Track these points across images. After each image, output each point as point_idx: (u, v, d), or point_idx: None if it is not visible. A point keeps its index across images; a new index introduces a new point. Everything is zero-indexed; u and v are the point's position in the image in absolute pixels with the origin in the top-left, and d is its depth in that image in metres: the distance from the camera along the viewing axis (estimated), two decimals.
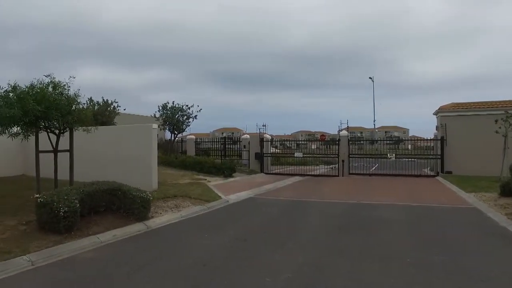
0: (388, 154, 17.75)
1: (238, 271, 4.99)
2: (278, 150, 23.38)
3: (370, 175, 17.39)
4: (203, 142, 21.60)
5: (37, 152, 7.08)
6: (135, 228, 7.05)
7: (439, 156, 16.29)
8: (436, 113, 17.76)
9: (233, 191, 11.66)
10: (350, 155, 17.57)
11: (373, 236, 6.75)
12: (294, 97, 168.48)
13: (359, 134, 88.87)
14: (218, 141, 21.73)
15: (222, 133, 77.54)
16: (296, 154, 19.98)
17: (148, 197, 7.49)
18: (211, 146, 21.33)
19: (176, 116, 18.05)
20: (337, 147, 17.63)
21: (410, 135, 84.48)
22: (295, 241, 6.42)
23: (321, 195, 11.66)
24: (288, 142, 41.21)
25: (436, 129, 17.48)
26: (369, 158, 19.87)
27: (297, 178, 16.34)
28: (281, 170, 18.31)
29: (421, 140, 20.52)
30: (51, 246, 5.74)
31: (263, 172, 17.86)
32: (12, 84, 6.64)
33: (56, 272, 4.98)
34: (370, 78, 48.64)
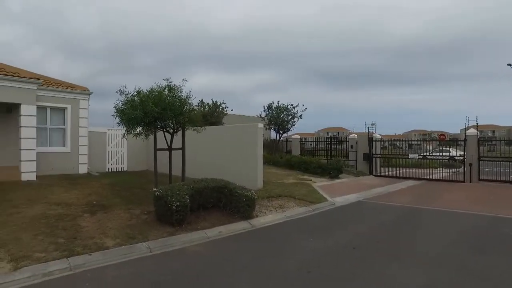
0: None
1: (345, 283, 4.49)
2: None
3: (511, 182, 14.33)
4: (308, 141, 21.23)
5: (155, 149, 7.80)
6: (240, 226, 7.14)
7: None
8: None
9: (339, 193, 10.99)
10: (480, 158, 14.84)
11: None
12: (406, 93, 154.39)
13: (489, 134, 76.19)
14: (324, 141, 21.04)
15: (327, 133, 75.72)
16: (410, 156, 17.93)
17: (253, 196, 7.51)
18: (316, 146, 20.82)
19: (281, 116, 18.15)
20: (460, 148, 15.06)
21: None
22: (413, 255, 5.53)
23: (443, 203, 10.04)
24: (399, 142, 37.49)
25: None
26: (507, 162, 16.42)
27: (411, 182, 14.60)
28: (392, 172, 16.67)
29: None
30: (165, 237, 6.20)
31: (372, 174, 16.56)
32: (137, 89, 7.46)
33: (169, 261, 5.30)
34: (509, 65, 40.78)
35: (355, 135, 18.93)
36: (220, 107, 17.13)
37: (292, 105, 18.43)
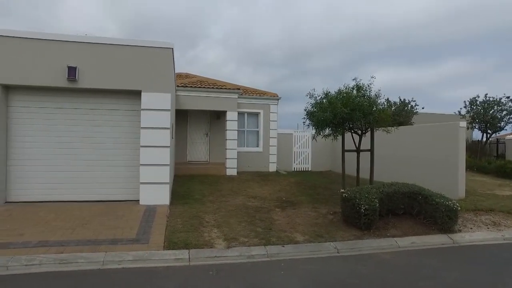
0: None
1: None
2: None
3: None
4: None
5: (343, 151, 7.72)
6: (437, 239, 6.17)
7: None
8: None
9: None
10: None
11: None
12: None
13: None
14: None
15: None
16: None
17: (456, 206, 6.36)
18: None
19: (491, 112, 14.78)
20: None
21: None
22: None
23: None
24: None
25: None
26: None
27: None
28: None
29: None
30: (352, 239, 6.02)
31: None
32: (325, 92, 7.59)
33: (357, 265, 5.08)
34: None
35: None
36: (409, 105, 15.54)
37: (508, 97, 14.69)
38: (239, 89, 13.50)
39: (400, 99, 15.96)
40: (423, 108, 16.22)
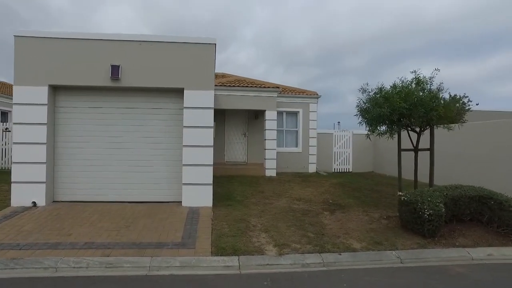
0: None
1: None
2: None
3: None
4: None
5: (399, 150, 7.08)
6: None
7: None
8: None
9: None
10: None
11: None
12: None
13: None
14: None
15: None
16: None
17: None
18: None
19: None
20: None
21: None
22: None
23: None
24: None
25: None
26: None
27: None
28: None
29: None
30: (416, 248, 5.40)
31: None
32: (379, 86, 6.99)
33: (427, 278, 4.48)
34: None
35: None
36: (460, 102, 14.36)
37: None
38: (278, 87, 13.09)
39: (450, 95, 14.81)
40: (477, 104, 14.92)
